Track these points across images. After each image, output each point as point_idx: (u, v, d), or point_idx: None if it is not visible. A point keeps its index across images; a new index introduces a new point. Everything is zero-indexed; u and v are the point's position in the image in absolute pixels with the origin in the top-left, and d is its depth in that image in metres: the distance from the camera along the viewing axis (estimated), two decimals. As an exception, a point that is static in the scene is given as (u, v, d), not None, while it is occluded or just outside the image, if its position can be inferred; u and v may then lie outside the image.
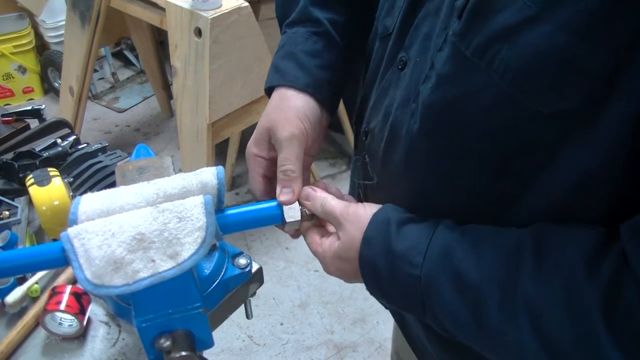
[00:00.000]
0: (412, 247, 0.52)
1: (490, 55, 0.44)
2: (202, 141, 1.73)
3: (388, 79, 0.60)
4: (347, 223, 0.57)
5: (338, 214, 0.58)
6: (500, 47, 0.43)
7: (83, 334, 0.70)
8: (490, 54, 0.44)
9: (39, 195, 0.78)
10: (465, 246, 0.50)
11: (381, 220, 0.55)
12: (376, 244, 0.54)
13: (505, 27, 0.42)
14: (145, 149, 0.72)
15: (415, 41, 0.55)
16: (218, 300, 0.68)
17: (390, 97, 0.59)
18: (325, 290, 1.98)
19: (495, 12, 0.43)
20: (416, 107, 0.52)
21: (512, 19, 0.42)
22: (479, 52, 0.44)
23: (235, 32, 1.59)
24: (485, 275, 0.48)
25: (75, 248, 0.50)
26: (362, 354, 1.77)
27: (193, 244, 0.52)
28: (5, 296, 0.72)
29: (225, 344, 1.80)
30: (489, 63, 0.44)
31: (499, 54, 0.43)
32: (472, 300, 0.49)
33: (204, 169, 0.58)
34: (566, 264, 0.44)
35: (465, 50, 0.45)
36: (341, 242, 0.57)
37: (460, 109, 0.48)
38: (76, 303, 0.68)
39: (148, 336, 0.55)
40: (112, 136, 2.76)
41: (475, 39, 0.44)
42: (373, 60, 0.66)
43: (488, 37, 0.44)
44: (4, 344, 0.67)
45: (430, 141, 0.52)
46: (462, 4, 0.46)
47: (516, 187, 0.49)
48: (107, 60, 3.04)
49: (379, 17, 0.64)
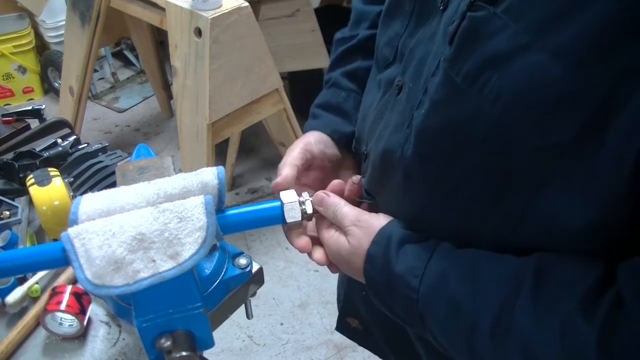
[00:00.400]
0: (409, 269, 0.52)
1: (481, 82, 0.43)
2: (202, 141, 1.73)
3: (384, 102, 0.61)
4: (357, 229, 0.57)
5: (349, 222, 0.58)
6: (491, 75, 0.42)
7: (83, 334, 0.70)
8: (481, 81, 0.43)
9: (39, 195, 0.78)
10: (462, 272, 0.50)
11: (384, 238, 0.55)
12: (377, 263, 0.55)
13: (497, 54, 0.42)
14: (145, 149, 0.72)
15: (410, 66, 0.55)
16: (218, 300, 0.68)
17: (384, 120, 0.59)
18: (325, 290, 1.98)
19: (486, 38, 0.42)
20: (410, 132, 0.52)
21: (503, 46, 0.41)
22: (469, 78, 0.44)
23: (235, 32, 1.59)
24: (480, 305, 0.48)
25: (76, 248, 0.50)
26: (362, 354, 1.77)
27: (194, 244, 0.52)
28: (5, 296, 0.72)
29: (225, 344, 1.80)
30: (479, 90, 0.43)
31: (489, 81, 0.42)
32: (465, 328, 0.49)
33: (205, 168, 0.58)
34: (564, 303, 0.44)
35: (455, 76, 0.45)
36: (350, 246, 0.57)
37: (452, 135, 0.47)
38: (76, 303, 0.68)
39: (148, 336, 0.55)
40: (112, 136, 2.76)
41: (466, 65, 0.44)
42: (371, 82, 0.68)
43: (479, 64, 0.43)
44: (5, 344, 0.67)
45: (424, 167, 0.52)
46: (454, 30, 0.45)
47: (509, 219, 0.48)
48: (107, 60, 3.04)
49: (378, 46, 0.66)
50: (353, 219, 0.58)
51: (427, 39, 0.53)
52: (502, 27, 0.41)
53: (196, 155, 1.78)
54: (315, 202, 0.61)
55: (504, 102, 0.42)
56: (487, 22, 0.42)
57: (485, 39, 0.42)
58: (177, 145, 2.17)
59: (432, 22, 0.53)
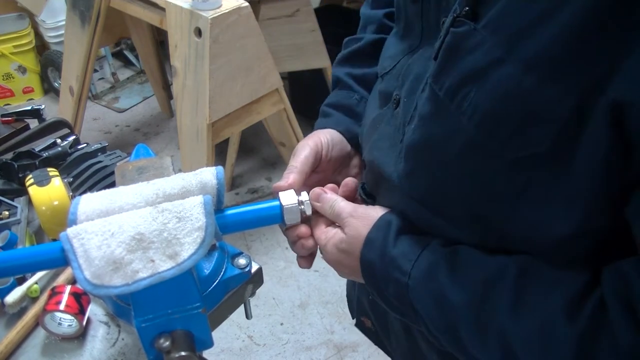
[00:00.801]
0: (404, 254, 0.53)
1: (460, 96, 0.44)
2: (202, 141, 1.73)
3: (381, 114, 0.61)
4: (355, 220, 0.58)
5: (346, 215, 0.58)
6: (470, 89, 0.43)
7: (82, 334, 0.70)
8: (461, 95, 0.44)
9: (38, 196, 0.78)
10: (452, 265, 0.51)
11: (384, 223, 0.56)
12: (375, 247, 0.55)
13: (475, 68, 0.43)
14: (145, 149, 0.72)
15: (407, 81, 0.56)
16: (218, 300, 0.68)
17: (378, 132, 0.60)
18: (325, 290, 1.98)
19: (466, 53, 0.43)
20: (402, 148, 0.53)
21: (480, 61, 0.42)
22: (450, 93, 0.45)
23: (235, 32, 1.59)
24: (465, 298, 0.49)
25: (75, 248, 0.50)
26: (362, 354, 1.77)
27: (192, 244, 0.52)
28: (4, 296, 0.72)
29: (225, 344, 1.80)
30: (458, 105, 0.44)
31: (468, 95, 0.43)
32: (450, 319, 0.50)
33: (204, 169, 0.58)
34: (546, 302, 0.44)
35: (438, 91, 0.46)
36: (347, 236, 0.58)
37: (436, 151, 0.48)
38: (76, 303, 0.68)
39: (147, 336, 0.55)
40: (112, 136, 2.76)
41: (447, 81, 0.45)
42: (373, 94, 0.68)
43: (458, 79, 0.44)
44: (4, 344, 0.67)
45: (413, 182, 0.52)
46: (438, 45, 0.46)
47: (493, 230, 0.49)
48: (107, 60, 3.04)
49: (383, 56, 0.67)
50: (350, 211, 0.58)
51: (427, 57, 0.54)
52: (480, 42, 0.42)
53: (196, 155, 1.78)
54: (312, 198, 0.61)
55: (480, 116, 0.43)
56: (467, 38, 0.43)
57: (466, 54, 0.43)
58: (177, 145, 2.17)
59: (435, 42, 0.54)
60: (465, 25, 0.44)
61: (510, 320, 0.45)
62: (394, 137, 0.56)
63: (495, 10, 0.42)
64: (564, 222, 0.44)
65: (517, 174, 0.44)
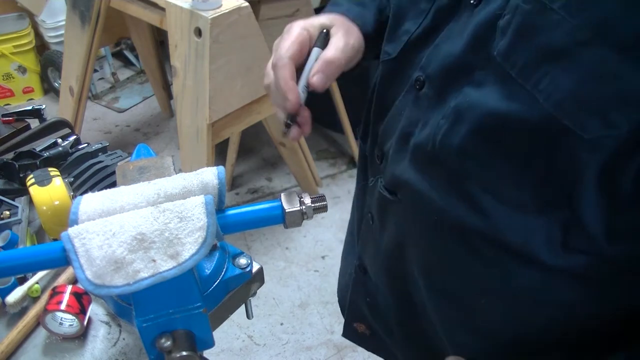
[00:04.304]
0: None
1: (538, 76, 0.43)
2: (202, 141, 1.73)
3: (402, 101, 0.60)
4: None
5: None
6: (549, 69, 0.42)
7: (84, 334, 0.70)
8: (538, 74, 0.43)
9: (39, 195, 0.78)
10: None
11: None
12: None
13: (555, 48, 0.42)
14: (145, 149, 0.72)
15: (435, 60, 0.54)
16: (218, 300, 0.68)
17: (406, 118, 0.59)
18: (325, 290, 1.98)
19: (543, 32, 0.42)
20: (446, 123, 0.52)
21: (562, 41, 0.41)
22: (525, 72, 0.44)
23: (235, 32, 1.59)
24: None
25: (76, 248, 0.50)
26: (362, 354, 1.77)
27: (194, 244, 0.52)
28: (5, 296, 0.72)
29: (225, 344, 1.80)
30: (535, 84, 0.43)
31: (547, 75, 0.42)
32: None
33: (205, 168, 0.58)
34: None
35: (510, 69, 0.45)
36: None
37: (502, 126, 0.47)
38: (77, 303, 0.68)
39: (149, 336, 0.55)
40: (112, 136, 2.76)
41: (521, 59, 0.44)
42: (378, 84, 0.66)
43: (536, 58, 0.43)
44: (5, 344, 0.67)
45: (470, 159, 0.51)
46: (506, 23, 0.45)
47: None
48: (107, 60, 3.04)
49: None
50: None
51: (456, 34, 0.52)
52: (559, 22, 0.41)
53: (196, 155, 1.78)
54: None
55: (559, 96, 0.42)
56: (543, 16, 0.42)
57: (542, 33, 0.42)
58: (177, 145, 2.17)
59: (461, 18, 0.53)
60: (537, 3, 0.43)
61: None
62: (433, 117, 0.54)
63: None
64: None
65: (592, 153, 0.44)
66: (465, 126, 0.50)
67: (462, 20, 0.52)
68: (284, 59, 0.58)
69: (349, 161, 2.59)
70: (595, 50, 0.40)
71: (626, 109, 0.40)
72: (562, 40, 0.41)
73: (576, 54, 0.41)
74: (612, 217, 0.47)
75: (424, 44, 0.57)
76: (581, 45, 0.40)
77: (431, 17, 0.57)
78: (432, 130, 0.54)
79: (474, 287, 0.59)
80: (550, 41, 0.42)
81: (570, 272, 0.52)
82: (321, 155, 2.62)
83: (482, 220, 0.53)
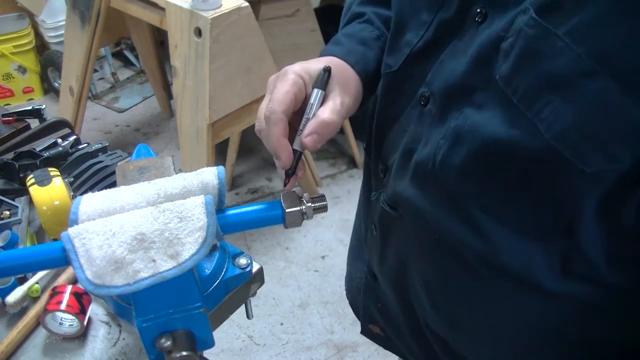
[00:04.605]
0: None
1: (539, 104, 0.42)
2: (202, 141, 1.73)
3: (407, 116, 0.59)
4: None
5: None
6: (552, 98, 0.41)
7: (83, 334, 0.70)
8: (540, 103, 0.42)
9: (39, 195, 0.78)
10: None
11: None
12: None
13: (558, 77, 0.40)
14: (145, 149, 0.72)
15: (439, 77, 0.53)
16: (218, 300, 0.68)
17: (410, 133, 0.58)
18: (325, 290, 1.98)
19: (546, 59, 0.41)
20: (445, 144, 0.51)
21: (566, 69, 0.40)
22: (526, 99, 0.42)
23: (235, 32, 1.59)
24: None
25: (76, 248, 0.50)
26: (362, 354, 1.77)
27: (194, 244, 0.52)
28: (5, 296, 0.72)
29: (225, 344, 1.80)
30: (536, 112, 0.42)
31: (549, 104, 0.41)
32: None
33: (205, 168, 0.58)
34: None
35: (511, 95, 0.44)
36: None
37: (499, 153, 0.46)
38: (77, 303, 0.68)
39: (149, 336, 0.55)
40: (112, 136, 2.76)
41: (523, 85, 0.43)
42: (381, 96, 0.65)
43: (538, 85, 0.42)
44: (5, 344, 0.67)
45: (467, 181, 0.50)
46: (510, 45, 0.43)
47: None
48: (107, 60, 3.04)
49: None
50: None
51: (461, 52, 0.51)
52: (563, 50, 0.40)
53: (196, 155, 1.78)
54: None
55: (561, 127, 0.41)
56: (546, 42, 0.41)
57: (545, 60, 0.41)
58: (177, 145, 2.17)
59: (465, 35, 0.51)
60: (541, 28, 0.41)
61: None
62: (434, 135, 0.53)
63: (581, 19, 0.39)
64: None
65: (593, 185, 0.43)
66: (464, 149, 0.49)
67: (466, 37, 0.51)
68: (277, 114, 0.56)
69: (349, 161, 2.59)
70: (599, 82, 0.38)
71: (629, 145, 0.39)
72: (566, 69, 0.40)
73: (579, 85, 0.39)
74: (613, 246, 0.46)
75: (426, 58, 0.56)
76: (585, 75, 0.39)
77: (433, 29, 0.55)
78: (432, 149, 0.53)
79: (474, 306, 0.58)
80: (554, 69, 0.40)
81: (571, 297, 0.51)
82: (321, 155, 2.62)
83: (481, 242, 0.52)
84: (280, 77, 0.58)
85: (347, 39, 0.66)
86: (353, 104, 0.61)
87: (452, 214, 0.53)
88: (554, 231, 0.48)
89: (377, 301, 0.76)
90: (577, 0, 0.39)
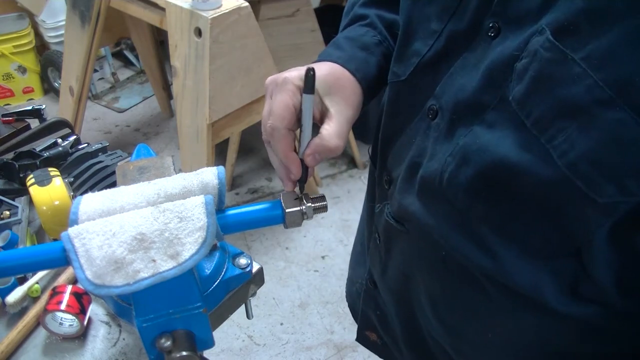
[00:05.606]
0: None
1: (553, 131, 0.40)
2: (202, 141, 1.73)
3: (414, 128, 0.58)
4: None
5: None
6: (567, 125, 0.39)
7: (83, 334, 0.70)
8: (554, 129, 0.40)
9: (39, 195, 0.78)
10: None
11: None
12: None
13: (574, 103, 0.39)
14: (145, 149, 0.72)
15: (448, 91, 0.52)
16: (219, 300, 0.68)
17: (417, 146, 0.57)
18: (325, 290, 1.98)
19: (562, 85, 0.39)
20: (453, 161, 0.50)
21: (582, 96, 0.38)
22: (540, 124, 0.41)
23: (235, 32, 1.59)
24: None
25: (76, 248, 0.50)
26: (362, 354, 1.77)
27: (194, 244, 0.52)
28: (5, 296, 0.72)
29: (225, 344, 1.80)
30: (549, 139, 0.41)
31: (563, 131, 0.40)
32: None
33: (205, 168, 0.58)
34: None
35: (525, 118, 0.42)
36: None
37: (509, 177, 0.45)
38: (77, 303, 0.68)
39: (149, 336, 0.55)
40: (112, 136, 2.76)
41: (537, 110, 0.41)
42: (387, 106, 0.64)
43: (553, 111, 0.40)
44: (5, 344, 0.67)
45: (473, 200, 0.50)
46: (524, 67, 0.42)
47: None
48: (107, 60, 3.04)
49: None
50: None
51: (472, 66, 0.50)
52: (579, 76, 0.38)
53: (196, 155, 1.78)
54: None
55: (575, 156, 0.40)
56: (563, 67, 0.39)
57: (561, 86, 0.39)
58: (177, 145, 2.17)
59: (477, 49, 0.50)
60: (558, 51, 0.39)
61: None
62: (442, 149, 0.52)
63: (599, 46, 0.37)
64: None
65: (604, 215, 0.42)
66: (473, 168, 0.48)
67: (478, 51, 0.49)
68: (281, 131, 0.55)
69: (349, 161, 2.59)
70: (615, 112, 0.37)
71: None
72: (582, 96, 0.38)
73: (595, 114, 0.38)
74: (623, 272, 0.46)
75: (435, 69, 0.54)
76: (601, 105, 0.37)
77: (444, 40, 0.53)
78: (439, 166, 0.52)
79: (480, 323, 0.58)
80: (569, 96, 0.39)
81: (580, 319, 0.50)
82: (321, 155, 2.62)
83: (489, 260, 0.51)
84: (279, 86, 0.57)
85: (348, 43, 0.65)
86: (354, 115, 0.60)
87: (460, 232, 0.53)
88: (563, 254, 0.47)
89: (377, 308, 0.76)
90: (595, 26, 0.37)
